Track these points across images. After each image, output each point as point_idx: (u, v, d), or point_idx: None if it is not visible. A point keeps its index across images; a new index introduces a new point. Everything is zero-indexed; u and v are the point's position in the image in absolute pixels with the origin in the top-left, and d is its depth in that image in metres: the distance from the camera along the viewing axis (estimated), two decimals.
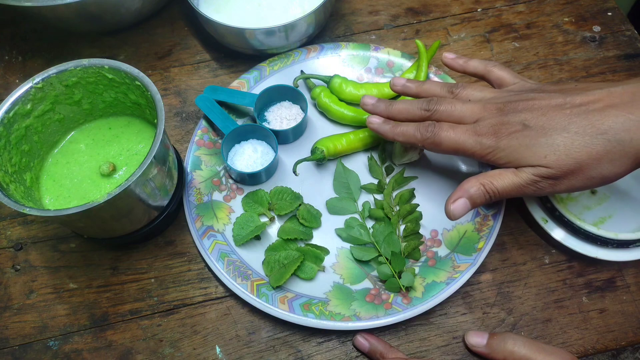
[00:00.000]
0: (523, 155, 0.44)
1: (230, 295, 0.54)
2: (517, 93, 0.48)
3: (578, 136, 0.42)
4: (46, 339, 0.53)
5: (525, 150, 0.43)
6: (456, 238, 0.55)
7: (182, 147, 0.63)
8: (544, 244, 0.56)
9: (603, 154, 0.41)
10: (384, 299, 0.52)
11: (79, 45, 0.71)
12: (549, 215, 0.54)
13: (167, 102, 0.66)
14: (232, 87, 0.64)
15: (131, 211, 0.50)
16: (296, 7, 0.65)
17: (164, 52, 0.70)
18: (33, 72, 0.52)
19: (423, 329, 0.52)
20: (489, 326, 0.52)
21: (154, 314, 0.54)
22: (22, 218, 0.59)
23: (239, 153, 0.59)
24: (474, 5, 0.72)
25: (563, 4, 0.72)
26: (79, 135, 0.57)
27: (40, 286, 0.55)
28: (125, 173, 0.54)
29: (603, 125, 0.41)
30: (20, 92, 0.50)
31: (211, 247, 0.54)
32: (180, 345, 0.52)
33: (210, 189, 0.58)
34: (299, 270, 0.53)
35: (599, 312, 0.52)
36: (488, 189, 0.45)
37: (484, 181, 0.45)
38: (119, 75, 0.51)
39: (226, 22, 0.61)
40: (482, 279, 0.54)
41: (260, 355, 0.51)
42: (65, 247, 0.57)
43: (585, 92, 0.44)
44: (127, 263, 0.56)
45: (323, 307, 0.51)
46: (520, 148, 0.44)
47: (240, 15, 0.66)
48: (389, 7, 0.72)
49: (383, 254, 0.53)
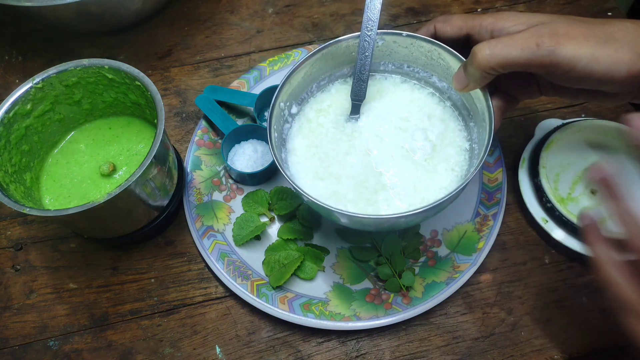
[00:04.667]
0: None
1: (230, 295, 0.54)
2: None
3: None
4: (46, 339, 0.53)
5: None
6: (456, 238, 0.55)
7: (182, 147, 0.63)
8: (544, 244, 0.56)
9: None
10: (384, 299, 0.52)
11: (79, 45, 0.71)
12: (549, 215, 0.54)
13: (167, 102, 0.66)
14: (232, 87, 0.64)
15: (131, 211, 0.50)
16: None
17: (164, 52, 0.70)
18: (33, 72, 0.52)
19: (423, 329, 0.52)
20: (489, 326, 0.52)
21: (154, 314, 0.54)
22: (22, 218, 0.59)
23: (239, 153, 0.59)
24: (474, 5, 0.72)
25: (563, 4, 0.72)
26: (79, 135, 0.57)
27: (40, 286, 0.55)
28: (125, 173, 0.54)
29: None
30: (20, 92, 0.50)
31: (211, 247, 0.54)
32: (180, 345, 0.52)
33: (210, 189, 0.58)
34: (299, 270, 0.53)
35: (599, 312, 0.52)
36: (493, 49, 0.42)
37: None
38: (119, 76, 0.52)
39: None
40: (482, 279, 0.54)
41: (260, 355, 0.51)
42: (65, 247, 0.57)
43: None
44: (127, 263, 0.56)
45: (323, 307, 0.51)
46: None
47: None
48: (389, 7, 0.72)
49: (383, 254, 0.53)
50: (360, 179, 0.49)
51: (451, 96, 0.52)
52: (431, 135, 0.50)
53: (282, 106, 0.50)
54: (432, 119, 0.51)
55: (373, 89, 0.53)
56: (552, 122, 0.59)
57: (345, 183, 0.49)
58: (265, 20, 0.73)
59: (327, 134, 0.52)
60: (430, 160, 0.49)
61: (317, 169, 0.50)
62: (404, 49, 0.51)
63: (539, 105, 0.64)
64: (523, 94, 0.49)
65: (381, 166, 0.49)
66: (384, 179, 0.49)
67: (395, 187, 0.48)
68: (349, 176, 0.49)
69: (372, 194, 0.48)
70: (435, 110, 0.52)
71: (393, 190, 0.48)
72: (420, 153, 0.49)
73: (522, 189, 0.56)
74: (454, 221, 0.56)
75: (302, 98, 0.53)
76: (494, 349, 0.51)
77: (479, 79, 0.44)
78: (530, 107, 0.64)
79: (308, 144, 0.51)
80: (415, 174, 0.49)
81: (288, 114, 0.52)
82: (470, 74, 0.44)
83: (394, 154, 0.50)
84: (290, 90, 0.50)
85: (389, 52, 0.52)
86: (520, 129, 0.62)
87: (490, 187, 0.57)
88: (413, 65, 0.53)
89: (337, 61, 0.52)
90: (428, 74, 0.52)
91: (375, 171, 0.49)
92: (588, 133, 0.58)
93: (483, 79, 0.44)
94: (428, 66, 0.52)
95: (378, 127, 0.51)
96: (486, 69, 0.42)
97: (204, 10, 0.74)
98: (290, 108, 0.52)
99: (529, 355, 0.50)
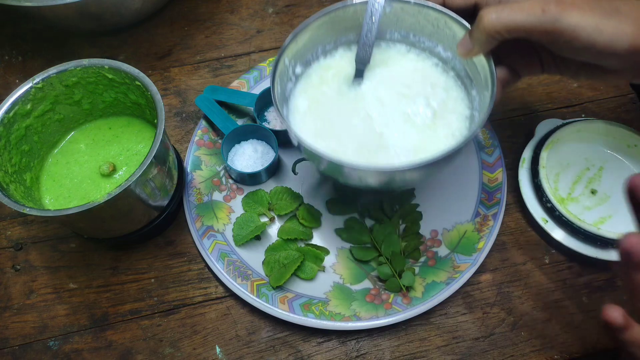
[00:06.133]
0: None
1: (230, 295, 0.54)
2: None
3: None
4: (46, 339, 0.53)
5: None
6: (456, 238, 0.55)
7: (182, 147, 0.63)
8: (544, 244, 0.56)
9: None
10: (384, 299, 0.52)
11: (79, 45, 0.71)
12: (549, 215, 0.54)
13: (167, 102, 0.66)
14: (232, 87, 0.64)
15: (131, 211, 0.50)
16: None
17: (164, 52, 0.70)
18: (33, 72, 0.52)
19: (423, 329, 0.52)
20: (489, 326, 0.52)
21: (154, 314, 0.54)
22: (22, 218, 0.59)
23: (239, 153, 0.59)
24: None
25: None
26: (79, 135, 0.57)
27: (40, 286, 0.55)
28: (125, 173, 0.54)
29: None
30: (20, 92, 0.50)
31: (211, 247, 0.54)
32: (180, 345, 0.52)
33: (210, 189, 0.58)
34: (299, 270, 0.53)
35: (599, 312, 0.52)
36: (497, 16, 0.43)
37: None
38: (119, 76, 0.52)
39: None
40: (482, 279, 0.54)
41: (260, 355, 0.51)
42: (65, 247, 0.57)
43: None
44: (127, 263, 0.56)
45: (323, 307, 0.51)
46: None
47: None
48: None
49: (383, 254, 0.53)
50: (360, 140, 0.49)
51: (455, 66, 0.52)
52: (433, 102, 0.51)
53: (286, 63, 0.50)
54: (435, 87, 0.52)
55: (378, 56, 0.54)
56: (552, 122, 0.59)
57: (346, 143, 0.49)
58: (265, 20, 0.73)
59: (330, 95, 0.52)
60: (431, 125, 0.50)
61: (318, 128, 0.50)
62: (411, 17, 0.51)
63: (539, 105, 0.64)
64: (526, 68, 0.49)
65: (382, 128, 0.50)
66: (384, 141, 0.49)
67: (395, 147, 0.49)
68: (349, 136, 0.50)
69: (372, 153, 0.48)
70: (438, 79, 0.52)
71: (393, 150, 0.48)
72: (421, 118, 0.50)
73: (522, 189, 0.56)
74: (454, 221, 0.56)
75: (307, 60, 0.53)
76: (494, 349, 0.51)
77: (484, 43, 0.44)
78: (530, 107, 0.64)
79: (310, 104, 0.52)
80: (416, 137, 0.49)
81: (292, 72, 0.52)
82: (475, 38, 0.45)
83: (395, 118, 0.50)
84: (296, 49, 0.51)
85: (395, 19, 0.52)
86: (520, 129, 0.62)
87: (490, 187, 0.57)
88: (419, 35, 0.53)
89: (344, 26, 0.52)
90: (433, 44, 0.52)
91: (375, 132, 0.49)
92: (588, 133, 0.58)
93: (488, 43, 0.44)
94: (434, 35, 0.52)
95: (380, 92, 0.52)
96: (492, 32, 0.43)
97: (204, 10, 0.74)
98: (295, 67, 0.52)
99: (529, 355, 0.50)
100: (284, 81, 0.51)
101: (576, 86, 0.65)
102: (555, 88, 0.65)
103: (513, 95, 0.65)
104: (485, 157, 0.59)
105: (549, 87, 0.65)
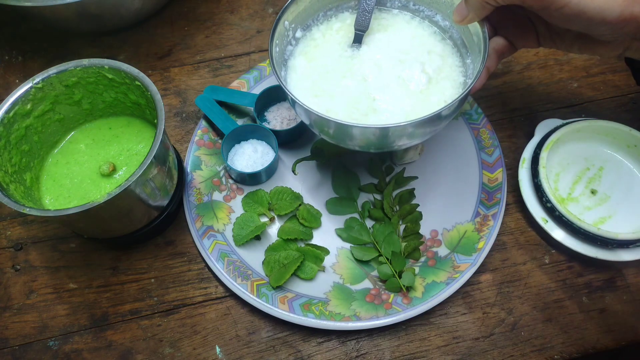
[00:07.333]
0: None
1: (230, 295, 0.54)
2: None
3: None
4: (46, 339, 0.53)
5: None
6: (456, 238, 0.55)
7: (182, 147, 0.63)
8: (544, 244, 0.56)
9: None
10: (384, 299, 0.52)
11: (79, 45, 0.71)
12: (549, 215, 0.54)
13: (167, 102, 0.66)
14: (232, 87, 0.64)
15: (131, 211, 0.50)
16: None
17: (164, 52, 0.70)
18: (33, 72, 0.52)
19: (423, 329, 0.52)
20: (489, 326, 0.52)
21: (154, 314, 0.54)
22: (22, 218, 0.59)
23: (239, 153, 0.59)
24: None
25: None
26: (79, 135, 0.57)
27: (40, 286, 0.55)
28: (125, 173, 0.54)
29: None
30: (20, 92, 0.50)
31: (211, 247, 0.54)
32: (180, 345, 0.52)
33: (210, 189, 0.58)
34: (299, 270, 0.53)
35: (599, 312, 0.52)
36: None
37: None
38: (119, 75, 0.52)
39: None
40: (482, 279, 0.54)
41: (260, 355, 0.51)
42: (65, 247, 0.57)
43: None
44: (127, 263, 0.56)
45: (323, 307, 0.51)
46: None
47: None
48: None
49: (383, 254, 0.53)
50: (353, 101, 0.50)
51: (452, 35, 0.54)
52: (428, 69, 0.52)
53: (286, 25, 0.51)
54: (432, 54, 0.53)
55: (377, 23, 0.55)
56: (552, 122, 0.59)
57: (339, 102, 0.50)
58: (265, 20, 0.73)
59: (328, 57, 0.54)
60: (424, 90, 0.50)
61: (313, 86, 0.52)
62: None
63: (539, 105, 0.64)
64: (521, 40, 0.50)
65: (376, 92, 0.51)
66: (376, 104, 0.50)
67: (387, 112, 0.50)
68: (342, 96, 0.51)
69: (362, 115, 0.49)
70: (435, 46, 0.54)
71: (384, 115, 0.49)
72: (415, 84, 0.51)
73: (522, 189, 0.56)
74: (454, 221, 0.56)
75: (307, 24, 0.55)
76: (494, 349, 0.51)
77: (478, 9, 0.46)
78: (530, 107, 0.64)
79: (307, 63, 0.53)
80: (408, 102, 0.50)
81: (292, 36, 0.53)
82: (471, 4, 0.46)
83: (390, 82, 0.51)
84: (297, 12, 0.52)
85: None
86: (520, 129, 0.62)
87: (490, 187, 0.57)
88: (419, 4, 0.55)
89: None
90: (433, 12, 0.54)
91: (369, 96, 0.50)
92: (588, 133, 0.58)
93: (483, 10, 0.46)
94: (433, 4, 0.54)
95: (377, 56, 0.53)
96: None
97: (204, 10, 0.74)
98: (295, 31, 0.54)
99: (529, 355, 0.50)
100: (283, 44, 0.52)
101: (576, 86, 0.65)
102: (555, 88, 0.65)
103: (513, 95, 0.65)
104: (485, 157, 0.59)
105: (549, 87, 0.65)
